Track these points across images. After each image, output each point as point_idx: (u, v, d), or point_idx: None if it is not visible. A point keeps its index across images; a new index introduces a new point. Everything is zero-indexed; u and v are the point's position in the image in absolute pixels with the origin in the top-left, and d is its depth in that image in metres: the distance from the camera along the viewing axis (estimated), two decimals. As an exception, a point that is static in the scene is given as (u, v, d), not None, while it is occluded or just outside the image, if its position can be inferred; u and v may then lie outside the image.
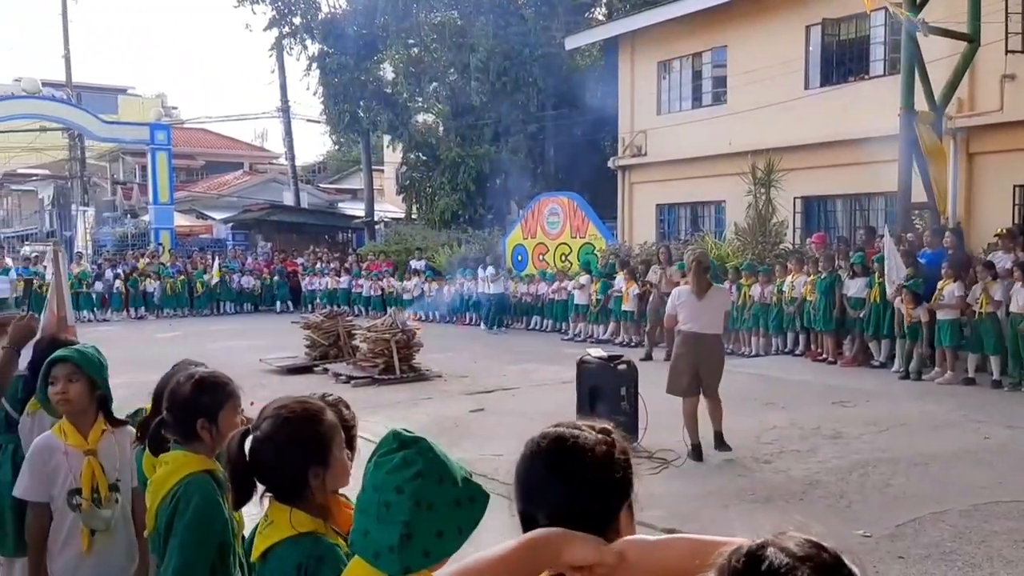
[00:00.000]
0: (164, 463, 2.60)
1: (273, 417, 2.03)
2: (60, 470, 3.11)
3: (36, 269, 22.53)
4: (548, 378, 11.83)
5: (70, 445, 3.12)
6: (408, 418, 9.29)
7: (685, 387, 7.63)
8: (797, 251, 14.84)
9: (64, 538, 3.11)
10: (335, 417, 2.12)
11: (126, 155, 39.01)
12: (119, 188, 39.27)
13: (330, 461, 2.04)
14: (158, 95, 49.15)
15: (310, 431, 2.03)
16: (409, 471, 1.64)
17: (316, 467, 2.01)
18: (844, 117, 15.20)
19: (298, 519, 1.98)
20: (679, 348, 7.78)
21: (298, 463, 2.00)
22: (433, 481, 1.64)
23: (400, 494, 1.62)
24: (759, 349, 14.07)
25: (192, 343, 15.39)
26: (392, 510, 1.61)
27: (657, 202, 20.55)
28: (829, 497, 6.33)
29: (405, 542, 1.59)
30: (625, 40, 20.76)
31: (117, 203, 38.67)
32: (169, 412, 2.61)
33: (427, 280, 21.42)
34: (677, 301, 7.84)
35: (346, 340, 13.51)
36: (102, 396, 3.22)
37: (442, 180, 26.01)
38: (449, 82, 26.29)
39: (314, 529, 1.99)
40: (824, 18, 16.29)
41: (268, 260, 27.16)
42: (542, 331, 18.29)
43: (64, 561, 3.10)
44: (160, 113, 31.33)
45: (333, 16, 28.00)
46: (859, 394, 10.32)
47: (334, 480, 2.06)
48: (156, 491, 2.56)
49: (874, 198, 16.15)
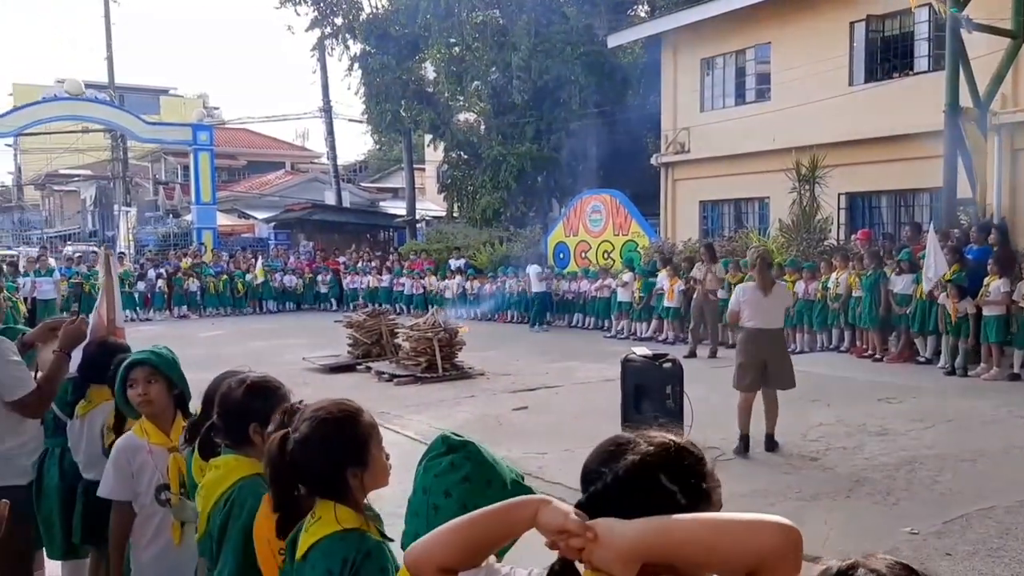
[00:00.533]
0: (215, 467, 2.62)
1: (310, 419, 2.04)
2: (146, 468, 3.20)
3: (78, 269, 22.98)
4: (591, 376, 11.81)
5: (154, 443, 3.22)
6: (451, 416, 9.31)
7: (749, 382, 7.73)
8: (842, 247, 14.73)
9: (153, 532, 3.20)
10: (372, 417, 2.12)
11: (168, 155, 39.57)
12: (161, 188, 39.86)
13: (368, 461, 2.04)
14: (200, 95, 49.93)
15: (347, 431, 2.03)
16: (457, 475, 1.66)
17: (354, 467, 2.01)
18: (888, 113, 15.12)
19: (344, 515, 1.99)
20: (744, 344, 7.89)
21: (336, 464, 2.01)
22: (480, 485, 1.65)
23: (448, 498, 1.64)
24: (803, 346, 13.98)
25: (235, 342, 15.55)
26: (440, 513, 1.62)
27: (700, 199, 20.48)
28: (876, 494, 6.28)
29: None
30: (668, 37, 20.70)
31: (159, 203, 39.24)
32: (221, 417, 2.63)
33: (469, 279, 21.46)
34: (742, 298, 7.92)
35: (388, 338, 13.55)
36: (179, 394, 3.32)
37: (483, 178, 26.08)
38: (491, 81, 26.34)
39: (359, 525, 2.00)
40: (868, 15, 16.25)
41: (310, 259, 27.42)
42: (584, 329, 18.26)
43: (154, 554, 3.19)
44: (202, 114, 31.72)
45: (375, 16, 28.20)
46: (905, 390, 10.22)
47: (373, 480, 2.06)
48: (208, 495, 2.58)
49: (919, 194, 16.00)
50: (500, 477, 1.68)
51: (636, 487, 1.31)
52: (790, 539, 1.20)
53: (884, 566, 1.11)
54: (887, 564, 1.11)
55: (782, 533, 1.21)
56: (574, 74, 23.81)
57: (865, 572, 1.11)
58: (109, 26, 32.72)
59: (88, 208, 43.99)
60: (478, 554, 1.41)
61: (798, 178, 15.38)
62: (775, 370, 7.75)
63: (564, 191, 25.50)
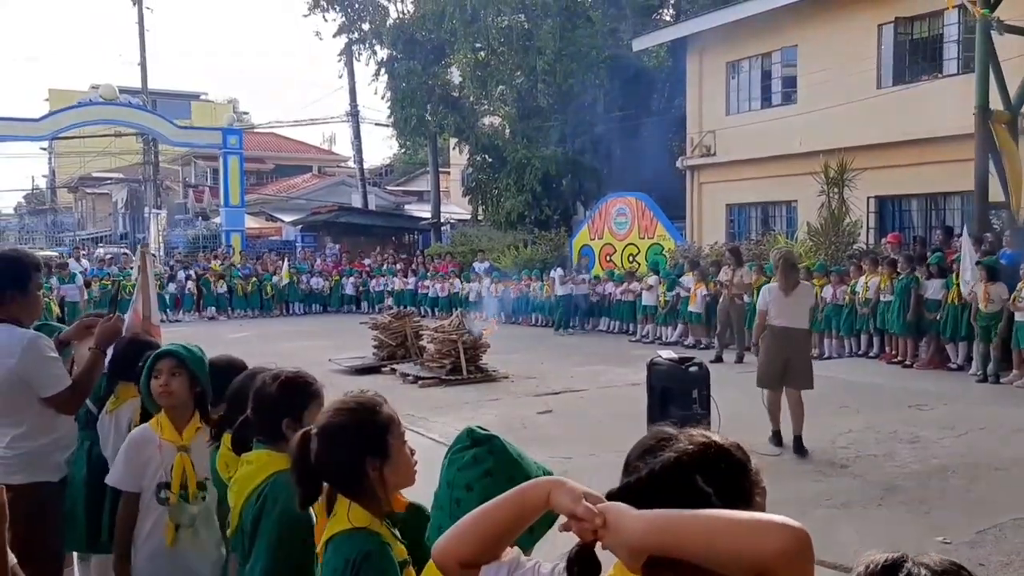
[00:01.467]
0: (247, 462, 2.61)
1: (329, 411, 2.07)
2: (152, 463, 3.18)
3: (109, 271, 23.28)
4: (616, 380, 11.79)
5: (165, 439, 3.20)
6: (476, 419, 9.25)
7: (773, 379, 7.84)
8: (871, 251, 14.59)
9: (149, 530, 3.17)
10: (393, 411, 2.11)
11: (198, 159, 40.05)
12: (191, 191, 40.36)
13: (388, 452, 2.03)
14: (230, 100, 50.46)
15: (364, 421, 2.03)
16: (479, 469, 1.65)
17: (372, 458, 2.00)
18: (918, 116, 15.03)
19: (355, 513, 1.98)
20: (769, 342, 7.98)
21: (353, 453, 2.00)
22: (502, 480, 1.62)
23: (470, 492, 1.63)
24: (831, 351, 13.83)
25: (263, 343, 15.65)
26: (463, 507, 1.60)
27: (727, 202, 20.41)
28: (909, 503, 6.21)
29: None
30: (694, 41, 20.68)
31: (188, 206, 39.73)
32: (255, 412, 2.62)
33: (494, 281, 21.50)
34: (768, 298, 8.03)
35: (413, 340, 13.61)
36: (201, 393, 3.28)
37: (508, 182, 26.11)
38: (516, 85, 26.39)
39: (368, 525, 1.99)
40: (897, 16, 16.19)
41: (336, 261, 27.59)
42: (609, 332, 18.23)
43: (147, 552, 3.16)
44: (232, 118, 32.15)
45: (401, 22, 28.37)
46: (936, 397, 10.12)
47: (395, 474, 2.04)
48: (241, 490, 2.58)
49: (950, 197, 15.87)
50: (524, 473, 1.66)
51: (669, 484, 1.27)
52: (797, 541, 1.14)
53: (933, 561, 1.10)
54: (936, 560, 1.11)
55: (789, 535, 1.14)
56: (599, 78, 23.79)
57: (913, 565, 1.10)
58: (143, 33, 33.19)
59: (119, 211, 44.55)
60: (496, 544, 1.39)
61: (826, 181, 15.27)
62: (795, 369, 7.81)
63: (589, 194, 25.47)
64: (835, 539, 5.24)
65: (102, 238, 42.00)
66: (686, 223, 20.96)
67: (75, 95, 35.22)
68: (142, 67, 33.31)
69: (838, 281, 13.80)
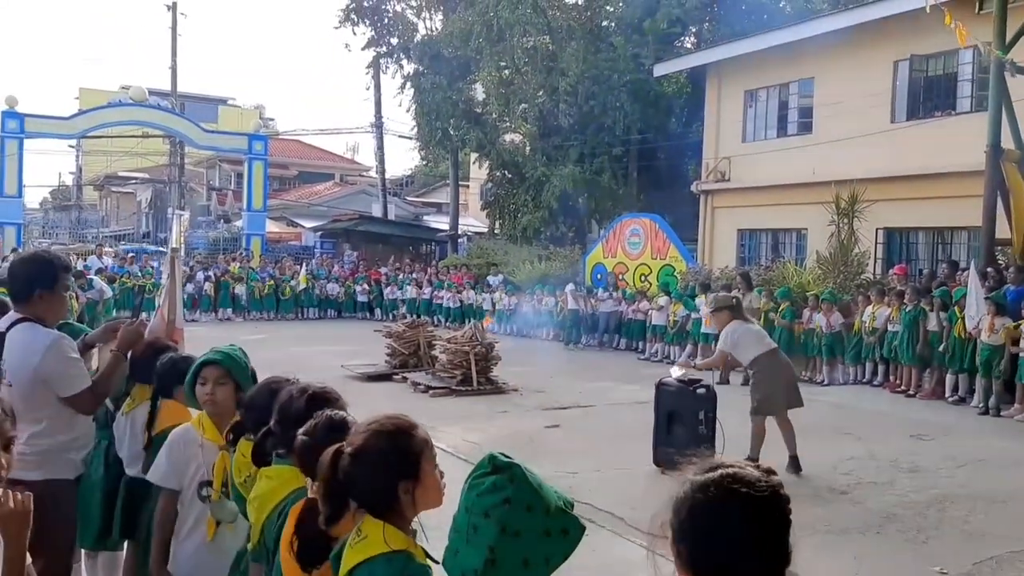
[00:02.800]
0: (267, 477, 2.61)
1: (365, 432, 2.02)
2: (193, 461, 3.23)
3: (130, 269, 23.54)
4: (624, 398, 11.83)
5: (207, 438, 3.25)
6: (484, 430, 9.37)
7: (778, 403, 7.87)
8: (878, 282, 14.71)
9: (190, 527, 3.22)
10: (427, 433, 2.09)
11: (223, 163, 40.39)
12: (214, 194, 40.76)
13: (420, 476, 2.00)
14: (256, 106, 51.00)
15: (400, 444, 2.00)
16: (498, 496, 1.64)
17: (406, 482, 1.97)
18: (930, 151, 15.26)
19: (392, 536, 1.92)
20: (769, 370, 7.95)
21: (388, 477, 1.97)
22: (521, 509, 1.63)
23: (487, 519, 1.62)
24: (830, 378, 13.99)
25: (276, 346, 15.61)
26: (480, 533, 1.62)
27: (739, 227, 20.61)
28: (907, 531, 6.25)
29: (489, 567, 1.60)
30: (713, 69, 20.99)
31: (211, 208, 40.12)
32: (279, 424, 2.60)
33: (508, 295, 21.70)
34: (733, 337, 8.03)
35: (426, 350, 13.71)
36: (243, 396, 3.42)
37: (526, 197, 26.40)
38: (538, 104, 26.69)
39: (406, 547, 1.93)
40: (912, 54, 16.44)
41: (353, 269, 27.85)
42: (618, 349, 18.36)
43: (187, 548, 3.21)
44: (258, 124, 32.46)
45: (429, 38, 28.83)
46: (938, 428, 10.14)
47: (425, 497, 2.00)
48: (263, 505, 2.58)
49: (957, 232, 16.06)
50: (543, 502, 1.66)
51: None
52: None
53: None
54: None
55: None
56: (619, 100, 24.08)
57: None
58: (175, 37, 33.65)
59: (143, 210, 45.03)
60: None
61: (837, 211, 15.44)
62: (793, 388, 7.99)
63: (604, 213, 25.69)
64: (832, 565, 5.36)
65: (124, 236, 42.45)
66: (698, 246, 21.16)
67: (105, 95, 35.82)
68: (172, 71, 33.80)
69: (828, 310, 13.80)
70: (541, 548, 1.64)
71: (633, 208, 23.54)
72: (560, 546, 1.66)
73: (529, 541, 1.63)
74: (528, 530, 1.63)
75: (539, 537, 1.64)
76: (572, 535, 1.68)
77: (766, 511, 1.47)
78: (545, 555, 1.64)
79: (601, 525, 5.79)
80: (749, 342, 8.04)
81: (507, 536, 1.61)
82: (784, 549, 1.50)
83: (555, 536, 1.66)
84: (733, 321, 8.12)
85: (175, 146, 34.19)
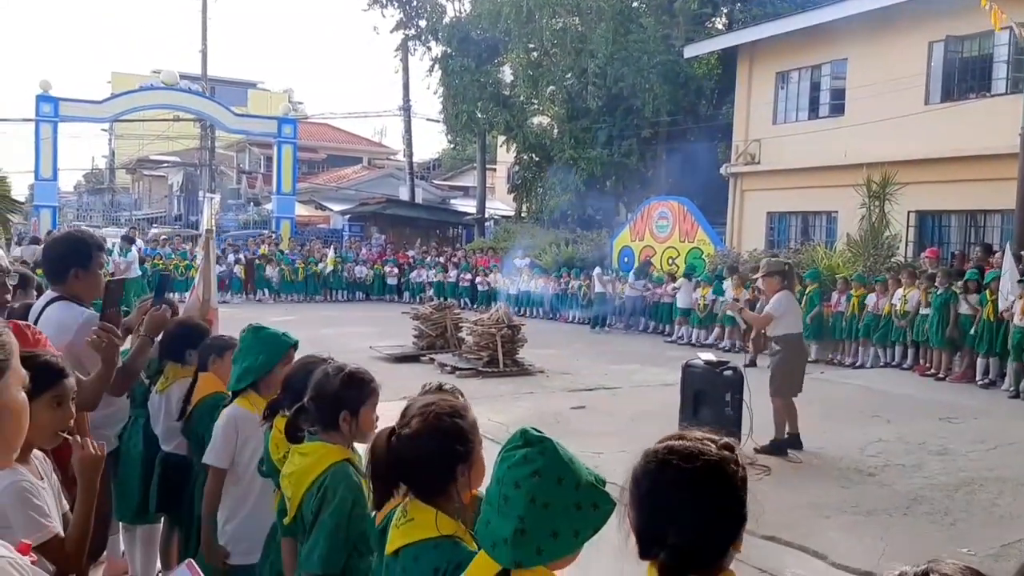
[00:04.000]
0: (303, 453, 2.68)
1: (422, 415, 2.04)
2: (252, 439, 3.30)
3: (162, 251, 23.87)
4: (650, 380, 11.86)
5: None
6: (510, 411, 9.39)
7: (798, 387, 8.01)
8: (909, 265, 14.59)
9: (254, 501, 3.32)
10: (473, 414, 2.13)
11: (253, 146, 40.74)
12: (244, 177, 41.12)
13: (473, 458, 2.05)
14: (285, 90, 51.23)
15: (459, 428, 2.04)
16: (527, 468, 1.67)
17: (463, 465, 2.02)
18: (963, 133, 15.08)
19: (443, 522, 1.96)
20: (799, 349, 8.14)
21: (447, 461, 2.00)
22: (550, 481, 1.67)
23: (518, 489, 1.66)
24: (862, 360, 13.91)
25: (306, 327, 15.75)
26: (510, 504, 1.66)
27: (768, 210, 20.45)
28: (934, 513, 6.25)
29: (519, 536, 1.64)
30: (744, 50, 20.80)
31: (241, 191, 40.50)
32: (313, 401, 2.68)
33: (534, 277, 21.73)
34: (788, 306, 8.06)
35: (453, 332, 13.82)
36: None
37: (553, 181, 26.35)
38: (566, 86, 26.56)
39: (455, 532, 1.97)
40: (947, 35, 16.22)
41: (381, 251, 28.04)
42: (644, 332, 18.35)
43: (250, 521, 3.31)
44: (287, 108, 32.59)
45: (457, 20, 28.74)
46: (967, 411, 10.10)
47: (477, 478, 2.06)
48: (300, 480, 2.65)
49: (990, 215, 15.87)
50: (574, 476, 1.70)
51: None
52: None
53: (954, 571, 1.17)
54: (958, 569, 1.18)
55: None
56: (648, 82, 23.90)
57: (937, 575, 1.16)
58: (205, 21, 33.96)
59: (175, 193, 45.53)
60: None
61: (868, 194, 15.30)
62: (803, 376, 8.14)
63: (632, 196, 25.59)
64: (859, 546, 5.37)
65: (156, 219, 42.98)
66: (727, 229, 21.03)
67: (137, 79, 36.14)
68: (203, 55, 34.09)
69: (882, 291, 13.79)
70: (571, 520, 1.66)
71: (661, 191, 23.40)
72: (590, 520, 1.68)
73: (558, 513, 1.66)
74: (557, 502, 1.66)
75: (569, 510, 1.66)
76: (603, 509, 1.70)
77: (700, 484, 1.53)
78: (575, 528, 1.67)
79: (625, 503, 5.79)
80: (794, 317, 8.12)
81: (536, 507, 1.65)
82: (725, 523, 1.54)
83: (585, 509, 1.68)
84: (784, 290, 8.13)
85: (206, 130, 34.48)
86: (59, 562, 2.16)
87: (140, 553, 4.42)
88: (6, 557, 1.24)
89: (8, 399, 1.37)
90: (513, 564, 1.65)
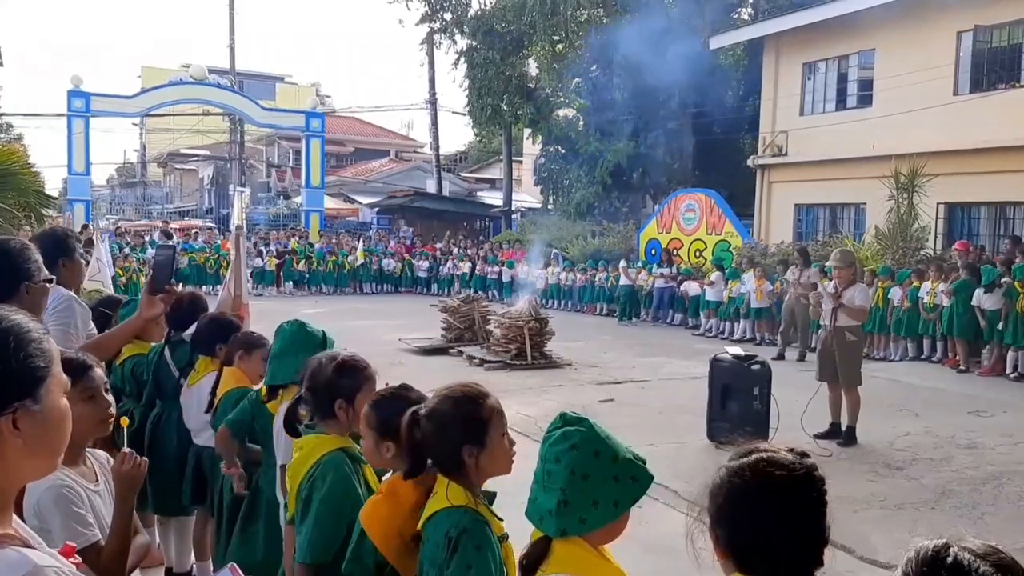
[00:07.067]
0: (299, 448, 2.74)
1: (438, 396, 2.20)
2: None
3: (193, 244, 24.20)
4: (678, 372, 11.91)
5: None
6: (538, 404, 9.46)
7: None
8: (938, 258, 14.49)
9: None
10: (499, 403, 2.21)
11: (281, 140, 40.99)
12: (273, 171, 41.43)
13: (487, 442, 2.13)
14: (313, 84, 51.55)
15: (467, 411, 2.15)
16: (566, 443, 1.82)
17: (471, 446, 2.12)
18: (993, 124, 14.97)
19: (454, 493, 2.09)
20: (860, 342, 8.29)
21: (453, 440, 2.12)
22: (588, 454, 1.80)
23: (558, 464, 1.80)
24: (892, 353, 13.88)
25: (336, 319, 15.85)
26: (552, 478, 1.80)
27: (796, 202, 20.38)
28: (961, 507, 6.26)
29: (563, 508, 1.78)
30: (771, 41, 20.68)
31: (271, 185, 40.82)
32: (309, 391, 2.75)
33: (564, 270, 21.80)
34: (868, 296, 8.30)
35: (481, 324, 13.91)
36: None
37: (579, 173, 26.33)
38: (592, 78, 26.54)
39: (466, 503, 2.09)
40: (976, 25, 16.06)
41: (410, 244, 28.21)
42: (672, 325, 18.36)
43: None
44: (315, 102, 32.77)
45: (482, 12, 28.73)
46: (996, 404, 10.06)
47: (491, 463, 2.15)
48: (295, 475, 2.72)
49: (1020, 207, 15.70)
50: (611, 450, 1.83)
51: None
52: None
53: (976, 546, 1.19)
54: (976, 544, 1.19)
55: None
56: (674, 74, 23.81)
57: (959, 550, 1.19)
58: (233, 16, 34.28)
59: (205, 186, 45.96)
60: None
61: (896, 186, 15.22)
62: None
63: (659, 188, 25.53)
64: (887, 539, 5.41)
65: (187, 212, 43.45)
66: (754, 221, 20.97)
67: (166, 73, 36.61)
68: (231, 49, 34.41)
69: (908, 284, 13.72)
70: (610, 491, 1.79)
71: (688, 183, 23.37)
72: (629, 491, 1.81)
73: (598, 484, 1.79)
74: (596, 473, 1.79)
75: (608, 481, 1.79)
76: (641, 482, 1.83)
77: (801, 493, 1.55)
78: (614, 498, 1.80)
79: (655, 498, 5.87)
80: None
81: (576, 478, 1.78)
82: (820, 530, 1.57)
83: (623, 481, 1.81)
84: (859, 282, 8.22)
85: (235, 124, 34.77)
86: (96, 571, 2.14)
87: (174, 544, 4.54)
88: (53, 566, 1.24)
89: (51, 406, 1.36)
90: (558, 533, 1.78)
